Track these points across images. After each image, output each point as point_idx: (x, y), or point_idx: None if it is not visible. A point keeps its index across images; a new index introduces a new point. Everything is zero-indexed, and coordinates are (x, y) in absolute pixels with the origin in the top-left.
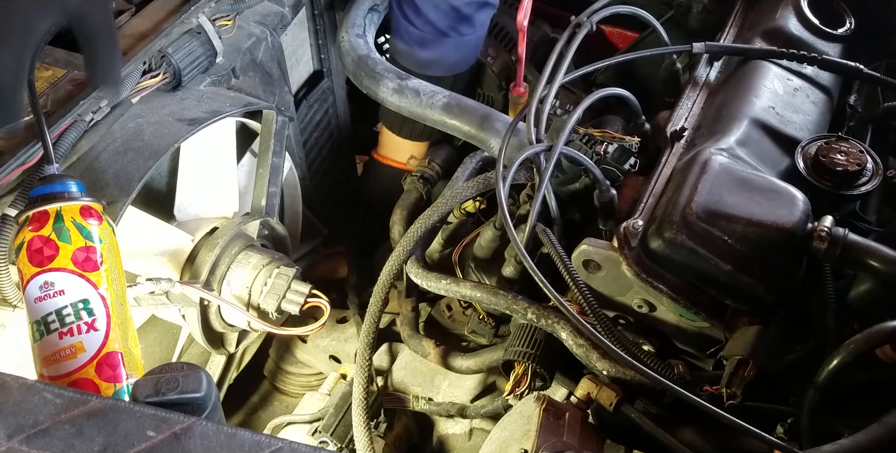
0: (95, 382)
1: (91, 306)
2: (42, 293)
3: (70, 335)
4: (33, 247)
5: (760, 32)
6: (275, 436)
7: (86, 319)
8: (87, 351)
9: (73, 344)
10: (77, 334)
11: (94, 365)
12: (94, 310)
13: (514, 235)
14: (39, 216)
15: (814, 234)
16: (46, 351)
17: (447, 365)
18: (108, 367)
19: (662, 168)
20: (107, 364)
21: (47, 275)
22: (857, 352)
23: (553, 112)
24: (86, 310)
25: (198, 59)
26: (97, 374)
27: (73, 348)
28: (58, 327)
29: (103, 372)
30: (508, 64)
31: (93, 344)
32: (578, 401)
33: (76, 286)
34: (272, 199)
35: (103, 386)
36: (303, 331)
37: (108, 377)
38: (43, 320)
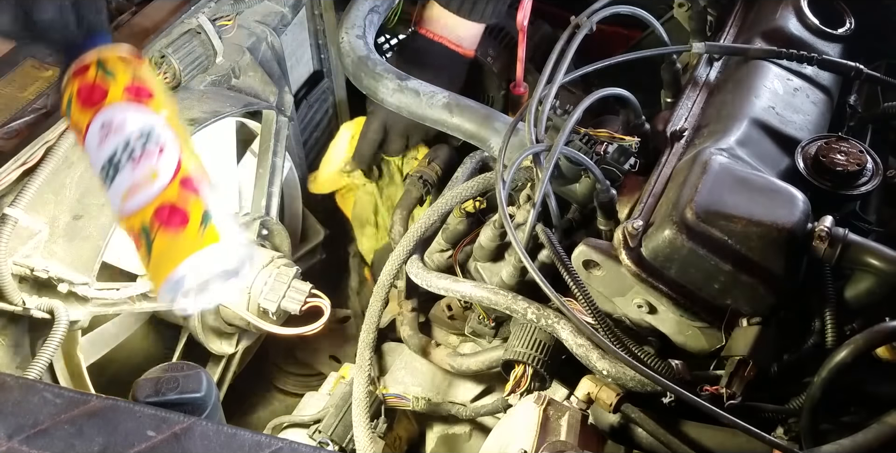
0: (181, 203)
1: (157, 133)
2: (102, 133)
3: (142, 163)
4: (83, 94)
5: (760, 32)
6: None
7: (154, 146)
8: (163, 174)
9: (148, 171)
10: (149, 160)
11: (177, 186)
12: (161, 135)
13: (514, 235)
14: (81, 70)
15: (814, 234)
16: (122, 186)
17: (447, 365)
18: (188, 188)
19: (662, 168)
20: (188, 185)
21: (103, 115)
22: (858, 352)
23: (553, 112)
24: (152, 135)
25: (198, 59)
26: (181, 195)
27: (148, 174)
28: (128, 160)
29: (185, 192)
30: (508, 64)
31: (168, 168)
32: (578, 401)
33: (136, 116)
34: (272, 199)
35: (190, 205)
36: (303, 330)
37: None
38: (110, 160)
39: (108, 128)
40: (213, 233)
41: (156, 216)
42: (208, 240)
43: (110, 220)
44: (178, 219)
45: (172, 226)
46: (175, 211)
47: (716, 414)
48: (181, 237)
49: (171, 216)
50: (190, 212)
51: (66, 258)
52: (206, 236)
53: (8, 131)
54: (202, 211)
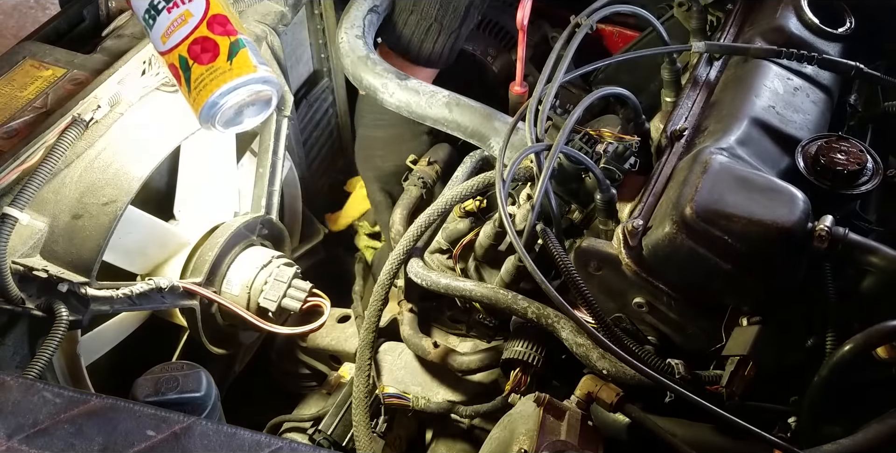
0: (212, 37)
1: None
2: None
3: (176, 6)
4: None
5: (760, 32)
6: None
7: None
8: (195, 14)
9: (182, 13)
10: (182, 4)
11: (206, 24)
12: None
13: (515, 235)
14: None
15: (814, 234)
16: (162, 28)
17: (447, 365)
18: (218, 25)
19: (662, 167)
20: (216, 22)
21: None
22: (858, 352)
23: (553, 111)
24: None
25: None
26: (211, 31)
27: (182, 16)
28: (164, 5)
29: (216, 29)
30: (508, 63)
31: (199, 9)
32: (578, 401)
33: None
34: (272, 199)
35: (220, 39)
36: (303, 330)
37: (221, 32)
38: (151, 5)
39: None
40: (242, 63)
41: (189, 51)
42: (238, 70)
43: (110, 220)
44: (209, 53)
45: (204, 59)
46: (206, 46)
47: (716, 414)
48: (212, 68)
49: (203, 50)
50: (219, 46)
51: (66, 258)
52: (234, 66)
53: (8, 131)
54: (229, 44)
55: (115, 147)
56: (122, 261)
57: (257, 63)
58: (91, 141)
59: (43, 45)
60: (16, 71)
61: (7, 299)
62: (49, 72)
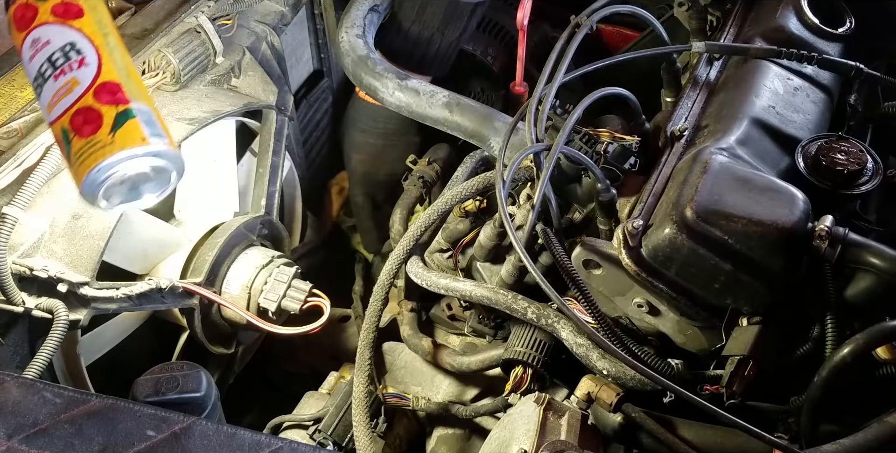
0: (96, 107)
1: (79, 47)
2: (32, 50)
3: (63, 73)
4: (17, 16)
5: (760, 32)
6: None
7: (75, 58)
8: (81, 82)
9: (68, 80)
10: (70, 71)
11: (92, 93)
12: (83, 49)
13: (514, 235)
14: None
15: (814, 234)
16: (48, 97)
17: (447, 365)
18: (106, 93)
19: (662, 167)
20: (105, 91)
21: (33, 34)
22: (857, 352)
23: (553, 111)
24: (74, 50)
25: (198, 59)
26: (96, 100)
27: (68, 84)
28: (52, 72)
29: (102, 98)
30: (508, 64)
31: (86, 76)
32: (578, 401)
33: (60, 33)
34: (272, 199)
35: (105, 109)
36: (303, 330)
37: (108, 101)
38: (39, 73)
39: (36, 46)
40: (128, 136)
41: (71, 122)
42: (121, 143)
43: (110, 220)
44: (91, 125)
45: (86, 131)
46: (88, 117)
47: (716, 414)
48: (92, 141)
49: (85, 122)
50: (103, 116)
51: (66, 258)
52: (118, 139)
53: (7, 131)
54: (115, 115)
55: None
56: (122, 261)
57: (149, 134)
58: None
59: None
60: (16, 71)
61: (7, 299)
62: None
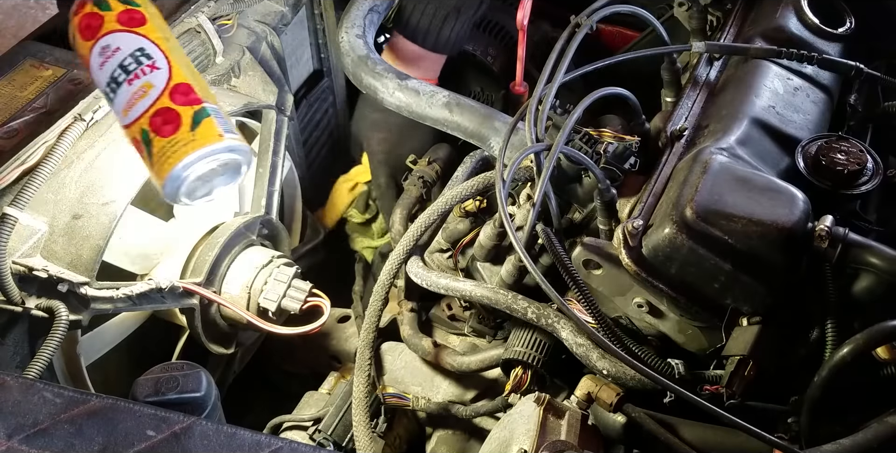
0: (174, 108)
1: (148, 51)
2: (102, 58)
3: (137, 78)
4: (82, 26)
5: (760, 32)
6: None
7: (146, 63)
8: (156, 85)
9: (142, 84)
10: (143, 75)
11: (168, 95)
12: (152, 54)
13: (514, 235)
14: (78, 6)
15: (814, 234)
16: (123, 101)
17: (447, 365)
18: (180, 94)
19: (662, 167)
20: (178, 92)
21: (101, 41)
22: (858, 352)
23: (553, 111)
24: (144, 55)
25: (197, 59)
26: (172, 101)
27: (143, 88)
28: (125, 77)
29: (177, 99)
30: (508, 63)
31: (160, 80)
32: (578, 401)
33: (129, 40)
34: (272, 199)
35: (182, 110)
36: (303, 330)
37: (183, 101)
38: (111, 79)
39: (106, 53)
40: (206, 133)
41: (151, 124)
42: (201, 140)
43: (110, 220)
44: (171, 125)
45: (166, 131)
46: (167, 118)
47: (716, 414)
48: (174, 140)
49: (165, 123)
50: (182, 116)
51: (66, 258)
52: (198, 137)
53: (8, 131)
54: (192, 114)
55: (116, 147)
56: (122, 261)
57: (223, 131)
58: (91, 141)
59: (43, 45)
60: (16, 71)
61: (7, 299)
62: (49, 72)
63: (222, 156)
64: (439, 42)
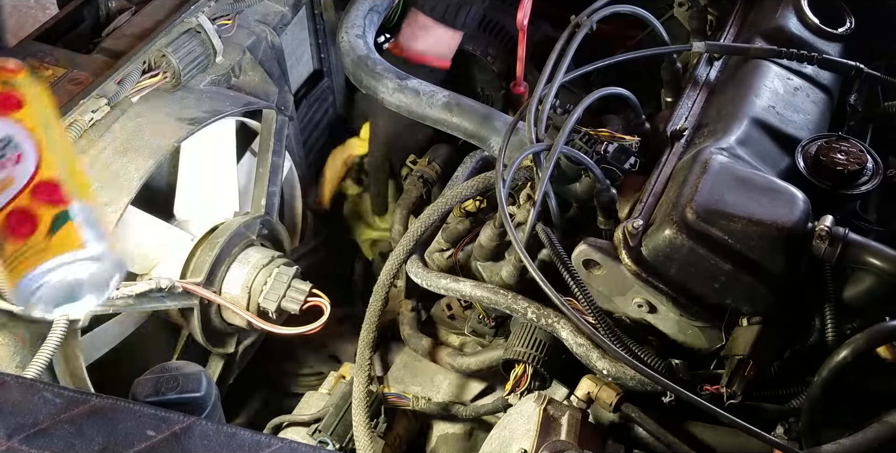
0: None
1: (16, 141)
2: None
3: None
4: None
5: (760, 32)
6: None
7: (11, 154)
8: (17, 181)
9: (3, 178)
10: (4, 168)
11: (29, 193)
12: (20, 145)
13: (514, 235)
14: None
15: (814, 234)
16: None
17: (447, 365)
18: (43, 194)
19: (662, 167)
20: (42, 190)
21: None
22: (858, 352)
23: (553, 111)
24: (10, 146)
25: (197, 59)
26: (32, 201)
27: (4, 181)
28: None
29: (39, 199)
30: (508, 63)
31: (23, 174)
32: (578, 401)
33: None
34: (272, 199)
35: (42, 211)
36: (303, 330)
37: (45, 201)
38: None
39: None
40: (65, 240)
41: (6, 223)
42: (57, 248)
43: (110, 220)
44: (27, 227)
45: (20, 234)
46: (23, 219)
47: (716, 414)
48: (28, 245)
49: (20, 224)
50: (40, 218)
51: None
52: (54, 244)
53: None
54: (51, 217)
55: (115, 147)
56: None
57: (88, 238)
58: (91, 141)
59: (43, 45)
60: None
61: (7, 299)
62: (49, 72)
63: (82, 266)
64: (458, 19)
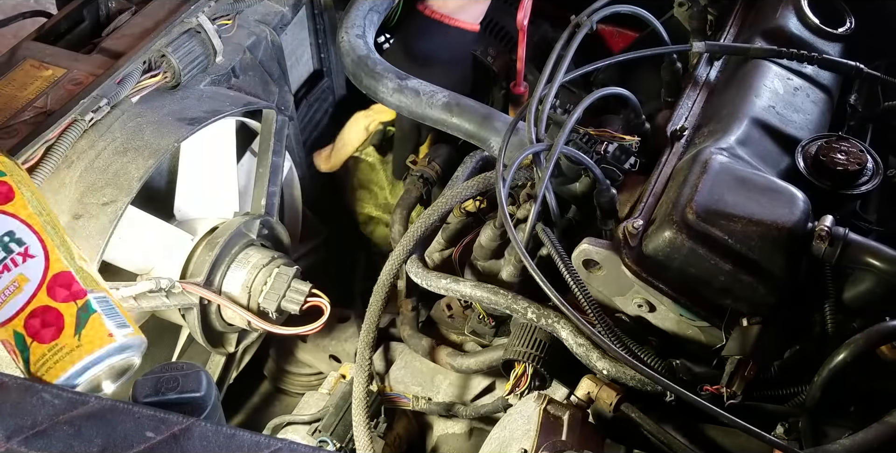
0: (54, 306)
1: (18, 236)
2: None
3: (7, 270)
4: None
5: (760, 32)
6: (274, 437)
7: (18, 250)
8: (31, 279)
9: (14, 278)
10: (14, 267)
11: (45, 290)
12: (24, 239)
13: (514, 235)
14: None
15: (814, 234)
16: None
17: (447, 365)
18: (61, 288)
19: (662, 167)
20: (58, 285)
21: None
22: (858, 352)
23: (553, 111)
24: (14, 241)
25: (197, 59)
26: (52, 298)
27: (15, 282)
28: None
29: (58, 294)
30: (508, 63)
31: (35, 271)
32: (578, 401)
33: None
34: (272, 199)
35: (63, 307)
36: (303, 330)
37: (65, 297)
38: None
39: None
40: (95, 335)
41: (27, 326)
42: (88, 345)
43: (110, 220)
44: (52, 328)
45: (46, 336)
46: (47, 319)
47: (716, 414)
48: (56, 347)
49: (44, 325)
50: (64, 317)
51: None
52: (84, 341)
53: (8, 131)
54: (76, 312)
55: (115, 147)
56: (122, 261)
57: (114, 328)
58: (91, 141)
59: (43, 45)
60: (16, 71)
61: None
62: (49, 72)
63: (113, 360)
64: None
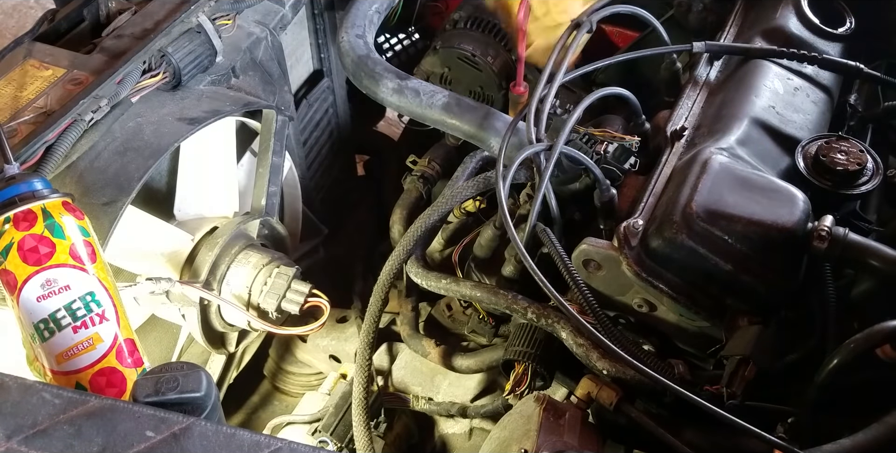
0: (119, 369)
1: (98, 298)
2: (45, 291)
3: (84, 327)
4: (26, 247)
5: (760, 32)
6: (274, 436)
7: (97, 311)
8: (104, 340)
9: (90, 336)
10: (92, 326)
11: (115, 353)
12: (102, 302)
13: (514, 235)
14: (24, 215)
15: (814, 234)
16: (60, 347)
17: (447, 365)
18: (127, 353)
19: (662, 167)
20: (126, 350)
21: (48, 273)
22: (858, 352)
23: (553, 111)
24: (94, 301)
25: (197, 59)
26: (119, 362)
27: (90, 340)
28: (70, 322)
29: (124, 359)
30: (508, 63)
31: (109, 334)
32: (578, 401)
33: (80, 280)
34: (272, 199)
35: (127, 371)
36: (303, 330)
37: (131, 363)
38: (51, 318)
39: (50, 288)
40: None
41: (92, 382)
42: None
43: (110, 220)
44: (115, 389)
45: (109, 394)
46: (112, 380)
47: (716, 414)
48: None
49: (109, 385)
50: (127, 381)
51: None
52: None
53: (8, 131)
54: (135, 377)
55: (115, 147)
56: (121, 261)
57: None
58: (91, 141)
59: (43, 45)
60: (16, 71)
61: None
62: (49, 72)
63: None
64: None
